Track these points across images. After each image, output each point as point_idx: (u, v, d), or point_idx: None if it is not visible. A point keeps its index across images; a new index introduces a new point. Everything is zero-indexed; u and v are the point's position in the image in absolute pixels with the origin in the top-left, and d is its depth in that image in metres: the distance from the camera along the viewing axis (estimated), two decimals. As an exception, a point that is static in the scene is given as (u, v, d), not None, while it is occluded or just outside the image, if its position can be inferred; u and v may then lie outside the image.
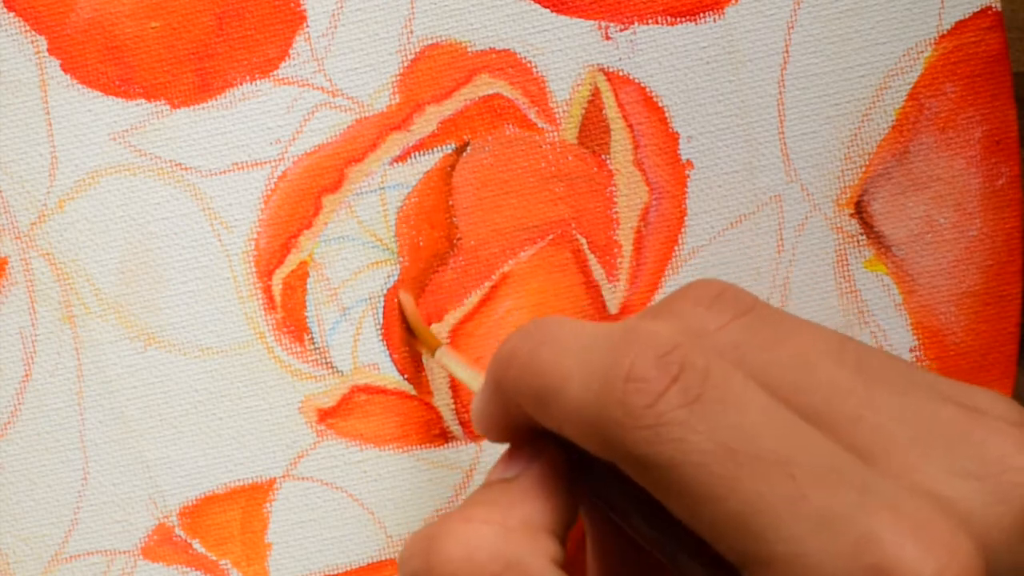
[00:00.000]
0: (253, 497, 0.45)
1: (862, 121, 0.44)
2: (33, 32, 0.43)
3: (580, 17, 0.44)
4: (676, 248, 0.45)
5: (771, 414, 0.31)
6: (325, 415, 0.45)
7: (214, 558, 0.45)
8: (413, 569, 0.33)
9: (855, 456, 0.31)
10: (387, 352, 0.45)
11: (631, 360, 0.32)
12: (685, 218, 0.45)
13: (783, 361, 0.33)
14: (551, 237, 0.45)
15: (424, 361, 0.45)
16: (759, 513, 0.30)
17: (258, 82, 0.44)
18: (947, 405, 0.32)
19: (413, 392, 0.45)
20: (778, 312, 0.35)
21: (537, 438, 0.36)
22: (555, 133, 0.44)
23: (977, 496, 0.31)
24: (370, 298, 0.44)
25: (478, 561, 0.33)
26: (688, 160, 0.45)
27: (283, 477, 0.45)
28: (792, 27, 0.44)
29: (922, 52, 0.44)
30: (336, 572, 0.45)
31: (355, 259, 0.44)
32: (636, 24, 0.44)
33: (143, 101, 0.44)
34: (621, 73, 0.44)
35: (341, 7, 0.44)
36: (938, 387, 0.33)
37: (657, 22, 0.44)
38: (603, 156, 0.44)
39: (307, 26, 0.44)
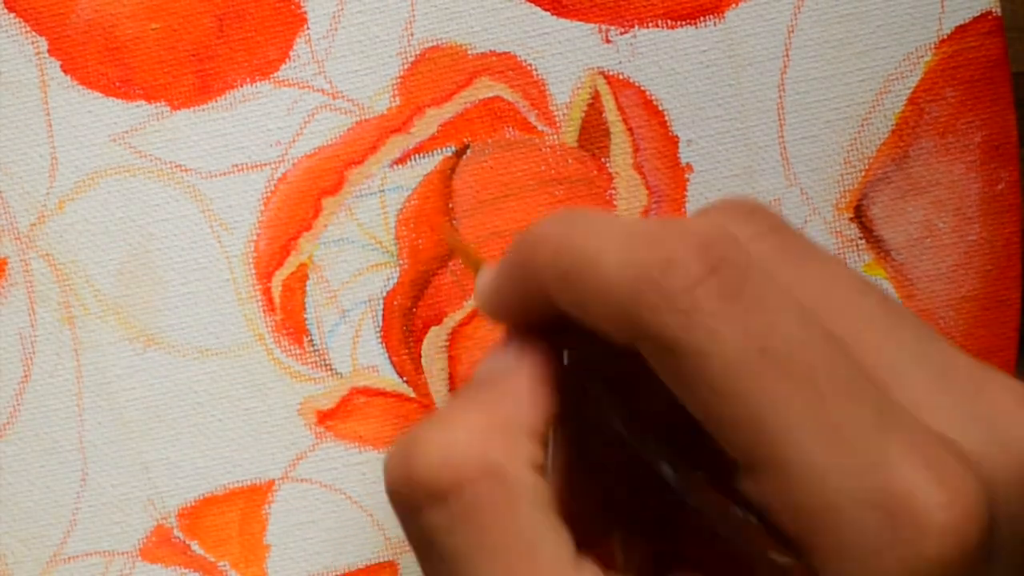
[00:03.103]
0: (252, 499, 0.45)
1: (862, 125, 0.44)
2: (34, 33, 0.43)
3: (580, 20, 0.44)
4: (675, 251, 0.45)
5: (805, 323, 0.31)
6: (324, 417, 0.45)
7: (213, 559, 0.45)
8: (394, 475, 0.33)
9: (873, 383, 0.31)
10: (386, 354, 0.45)
11: (672, 245, 0.31)
12: (685, 221, 0.45)
13: (812, 279, 0.33)
14: (551, 240, 0.45)
15: (423, 363, 0.45)
16: (776, 416, 0.30)
17: (258, 84, 0.44)
18: (963, 356, 0.32)
19: (412, 394, 0.45)
20: (808, 238, 0.34)
21: (530, 331, 0.35)
22: (555, 136, 0.44)
23: (984, 442, 0.31)
24: (369, 300, 0.44)
25: (455, 466, 0.32)
26: (688, 164, 0.45)
27: (282, 479, 0.45)
28: (792, 31, 0.44)
29: (922, 57, 0.44)
30: (334, 574, 0.45)
31: (355, 261, 0.44)
32: (636, 27, 0.44)
33: (143, 102, 0.44)
34: (621, 76, 0.44)
35: (342, 9, 0.44)
36: (953, 344, 0.33)
37: (657, 25, 0.44)
38: (603, 159, 0.44)
39: (308, 28, 0.44)
